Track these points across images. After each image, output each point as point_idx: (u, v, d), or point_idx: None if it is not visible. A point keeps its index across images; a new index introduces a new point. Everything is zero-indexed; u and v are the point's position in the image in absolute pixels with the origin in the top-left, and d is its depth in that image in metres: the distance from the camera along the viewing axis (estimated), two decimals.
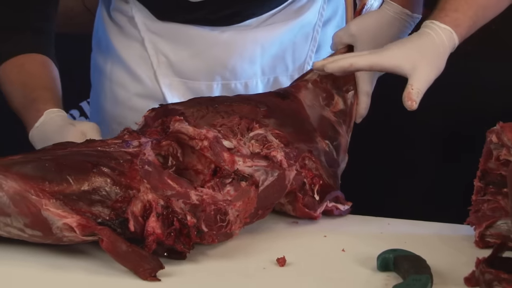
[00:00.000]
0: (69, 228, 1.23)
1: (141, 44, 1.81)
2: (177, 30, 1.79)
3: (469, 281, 1.23)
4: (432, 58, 1.53)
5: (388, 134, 2.66)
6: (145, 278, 1.21)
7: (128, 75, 1.83)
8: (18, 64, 1.68)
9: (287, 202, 1.48)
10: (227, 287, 1.23)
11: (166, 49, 1.80)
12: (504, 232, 1.37)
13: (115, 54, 1.84)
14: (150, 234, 1.25)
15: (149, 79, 1.82)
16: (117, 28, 1.84)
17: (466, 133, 2.30)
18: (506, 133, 1.36)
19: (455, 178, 2.20)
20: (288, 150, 1.45)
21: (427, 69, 1.52)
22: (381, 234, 1.45)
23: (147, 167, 1.31)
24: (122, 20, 1.83)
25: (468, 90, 2.64)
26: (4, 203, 1.24)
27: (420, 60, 1.52)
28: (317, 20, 1.86)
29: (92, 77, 1.94)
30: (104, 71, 1.87)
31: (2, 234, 1.26)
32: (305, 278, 1.26)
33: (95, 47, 1.92)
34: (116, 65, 1.84)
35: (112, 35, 1.84)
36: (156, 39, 1.80)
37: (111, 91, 1.85)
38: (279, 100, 1.56)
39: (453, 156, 2.58)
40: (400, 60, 1.52)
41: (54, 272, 1.24)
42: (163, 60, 1.81)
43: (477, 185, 1.43)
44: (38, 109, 1.61)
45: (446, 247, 1.40)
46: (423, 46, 1.53)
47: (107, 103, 1.86)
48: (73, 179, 1.27)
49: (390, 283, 1.22)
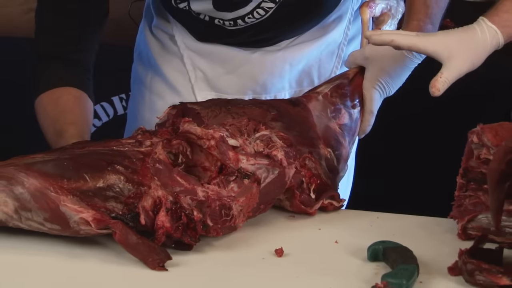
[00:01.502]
0: (85, 222, 1.24)
1: (180, 59, 1.84)
2: (213, 49, 1.82)
3: (452, 270, 1.25)
4: (469, 52, 1.52)
5: (378, 134, 2.66)
6: (153, 267, 1.22)
7: (167, 87, 1.85)
8: (54, 98, 1.68)
9: (285, 198, 1.48)
10: (230, 275, 1.24)
11: (203, 66, 1.83)
12: (485, 225, 1.37)
13: (156, 66, 1.86)
14: (160, 227, 1.26)
15: (186, 91, 1.84)
16: (158, 43, 1.86)
17: (448, 134, 2.32)
18: (486, 134, 1.37)
19: (439, 175, 2.21)
20: (288, 149, 1.46)
21: (460, 61, 1.51)
22: (371, 227, 1.44)
23: (158, 165, 1.31)
24: (163, 36, 1.86)
25: (452, 93, 2.65)
26: (26, 199, 1.24)
27: (457, 51, 1.51)
28: (342, 39, 1.87)
29: (132, 87, 1.95)
30: (144, 82, 1.88)
31: (24, 227, 1.27)
32: (301, 268, 1.26)
33: (137, 59, 1.93)
34: (156, 77, 1.87)
35: (153, 49, 1.86)
36: (194, 56, 1.83)
37: (150, 100, 1.87)
38: (290, 106, 1.57)
39: (437, 155, 2.59)
40: (438, 46, 1.51)
41: (71, 261, 1.25)
42: (200, 75, 1.84)
43: (460, 182, 1.42)
44: (62, 144, 1.58)
45: (431, 239, 1.39)
46: (464, 38, 1.53)
47: (145, 111, 1.88)
48: (89, 177, 1.27)
49: (380, 272, 1.23)
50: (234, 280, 1.23)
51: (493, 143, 1.36)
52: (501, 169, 1.22)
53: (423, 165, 2.65)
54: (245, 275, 1.24)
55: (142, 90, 1.89)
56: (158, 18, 1.87)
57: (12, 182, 1.25)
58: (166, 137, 1.40)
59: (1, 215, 1.26)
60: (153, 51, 1.87)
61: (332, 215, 1.51)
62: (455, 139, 1.55)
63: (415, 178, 2.66)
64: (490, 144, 1.36)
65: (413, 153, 2.64)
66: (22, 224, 1.27)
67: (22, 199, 1.25)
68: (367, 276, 1.24)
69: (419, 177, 2.65)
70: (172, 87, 1.85)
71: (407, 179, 2.66)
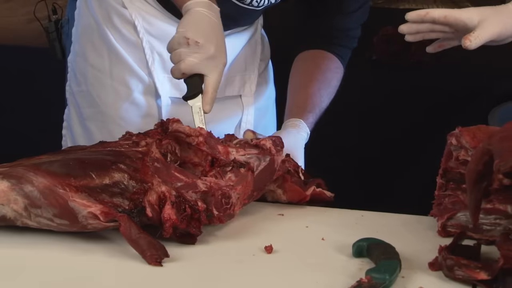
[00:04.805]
0: (93, 216, 1.26)
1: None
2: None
3: (432, 265, 1.25)
4: (500, 17, 1.53)
5: (366, 139, 2.67)
6: (150, 262, 1.23)
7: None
8: None
9: (277, 187, 1.51)
10: (222, 271, 1.24)
11: (161, 49, 1.81)
12: (463, 223, 1.38)
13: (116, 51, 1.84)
14: (167, 220, 1.28)
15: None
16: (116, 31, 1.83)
17: (429, 137, 2.33)
18: (464, 137, 1.38)
19: (420, 175, 2.22)
20: (275, 138, 1.49)
21: (493, 24, 1.52)
22: (356, 224, 1.45)
23: (156, 163, 1.34)
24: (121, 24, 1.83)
25: (431, 97, 2.66)
26: (35, 196, 1.26)
27: (489, 16, 1.52)
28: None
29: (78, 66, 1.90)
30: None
31: (33, 225, 1.28)
32: (289, 263, 1.28)
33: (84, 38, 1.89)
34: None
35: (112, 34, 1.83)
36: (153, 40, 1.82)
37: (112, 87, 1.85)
38: None
39: (418, 156, 2.61)
40: (472, 13, 1.53)
41: (77, 253, 1.27)
42: (157, 58, 1.82)
43: (439, 181, 1.43)
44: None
45: (412, 236, 1.40)
46: (496, 9, 1.54)
47: (108, 96, 1.86)
48: (95, 175, 1.29)
49: (364, 268, 1.23)
50: (226, 276, 1.23)
51: (471, 145, 1.36)
52: (479, 170, 1.23)
53: (405, 166, 2.67)
54: (236, 271, 1.25)
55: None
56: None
57: (22, 181, 1.27)
58: (158, 137, 1.42)
59: (11, 213, 1.27)
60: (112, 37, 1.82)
61: (319, 213, 1.52)
62: (435, 141, 1.54)
63: (397, 178, 2.67)
64: (468, 146, 1.37)
65: (396, 155, 2.66)
66: (31, 222, 1.28)
67: (31, 196, 1.27)
68: (352, 271, 1.25)
69: (401, 177, 2.66)
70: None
71: (390, 179, 2.67)
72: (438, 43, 1.63)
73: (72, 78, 1.88)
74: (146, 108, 1.79)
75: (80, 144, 1.71)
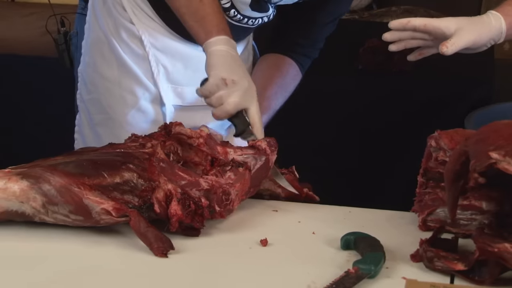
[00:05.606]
0: (106, 212, 1.30)
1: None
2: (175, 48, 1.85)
3: (414, 257, 1.28)
4: (475, 27, 1.57)
5: (353, 141, 2.69)
6: (156, 254, 1.28)
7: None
8: None
9: (277, 186, 1.55)
10: (220, 263, 1.28)
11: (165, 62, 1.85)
12: (442, 218, 1.39)
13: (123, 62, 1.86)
14: (173, 215, 1.32)
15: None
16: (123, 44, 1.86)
17: (410, 139, 2.36)
18: (443, 139, 1.40)
19: (403, 175, 2.25)
20: (269, 139, 1.53)
21: (469, 31, 1.56)
22: (344, 219, 1.46)
23: (161, 163, 1.38)
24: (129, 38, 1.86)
25: (413, 102, 2.69)
26: (52, 194, 1.31)
27: (466, 25, 1.56)
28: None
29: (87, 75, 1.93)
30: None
31: (50, 220, 1.32)
32: (283, 255, 1.31)
33: (94, 50, 1.91)
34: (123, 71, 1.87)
35: (120, 47, 1.85)
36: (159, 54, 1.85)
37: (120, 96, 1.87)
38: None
39: (401, 157, 2.63)
40: (450, 22, 1.56)
41: (90, 245, 1.31)
42: (162, 70, 1.86)
43: (420, 180, 1.45)
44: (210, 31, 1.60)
45: (396, 230, 1.42)
46: (472, 19, 1.58)
47: (117, 105, 1.88)
48: (107, 174, 1.34)
49: (351, 259, 1.26)
50: (225, 267, 1.27)
51: (449, 146, 1.39)
52: (456, 169, 1.27)
53: (389, 166, 2.67)
54: (234, 263, 1.29)
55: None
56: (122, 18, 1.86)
57: (40, 180, 1.31)
58: (162, 139, 1.46)
59: (30, 210, 1.32)
60: (120, 50, 1.85)
61: (310, 209, 1.53)
62: (417, 143, 1.58)
63: (382, 178, 2.68)
64: (447, 147, 1.39)
65: (380, 156, 2.65)
66: (48, 218, 1.32)
67: (49, 194, 1.31)
68: (341, 263, 1.28)
69: (385, 177, 2.67)
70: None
71: (375, 179, 2.68)
72: (419, 51, 1.66)
73: (82, 87, 1.91)
74: (151, 115, 1.84)
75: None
